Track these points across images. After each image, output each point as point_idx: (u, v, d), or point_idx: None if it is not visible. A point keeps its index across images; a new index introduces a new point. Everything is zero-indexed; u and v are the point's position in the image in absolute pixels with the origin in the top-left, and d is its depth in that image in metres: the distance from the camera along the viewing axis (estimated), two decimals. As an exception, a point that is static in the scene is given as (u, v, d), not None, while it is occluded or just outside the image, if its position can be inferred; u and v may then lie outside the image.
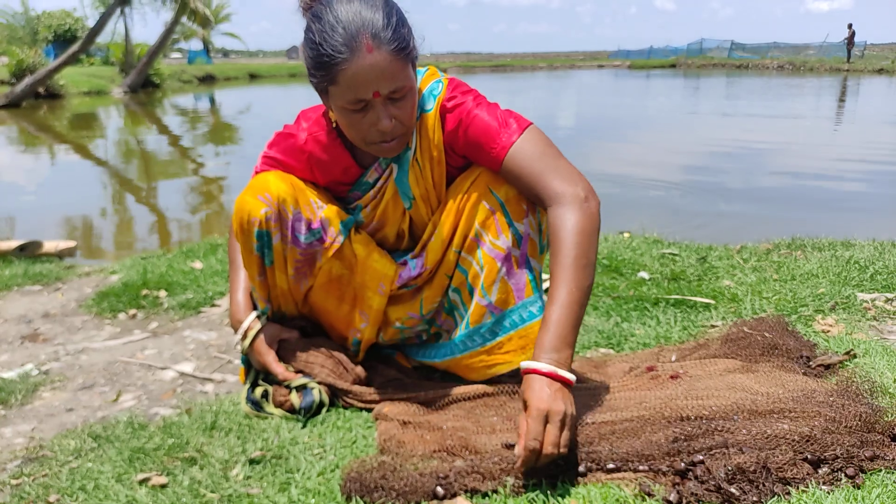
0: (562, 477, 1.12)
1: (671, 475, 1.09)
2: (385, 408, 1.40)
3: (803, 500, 1.02)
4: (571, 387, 1.16)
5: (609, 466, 1.12)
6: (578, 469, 1.13)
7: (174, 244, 3.80)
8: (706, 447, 1.11)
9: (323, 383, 1.45)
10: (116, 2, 18.09)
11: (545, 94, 19.38)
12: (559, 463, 1.13)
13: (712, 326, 1.81)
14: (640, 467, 1.12)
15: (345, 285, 1.48)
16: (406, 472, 1.16)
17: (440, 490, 1.11)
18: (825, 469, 1.08)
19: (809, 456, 1.09)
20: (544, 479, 1.12)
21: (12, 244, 3.06)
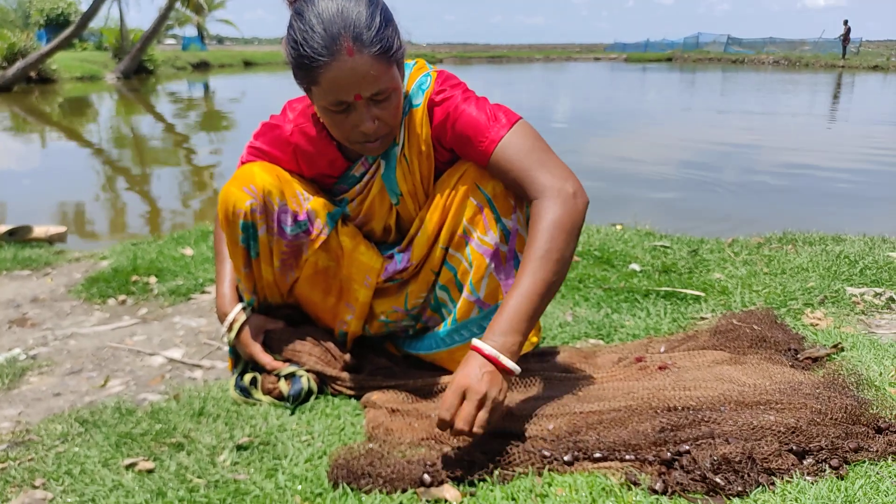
0: (548, 466, 1.13)
1: (657, 465, 1.10)
2: (374, 395, 1.40)
3: (787, 491, 1.03)
4: (510, 375, 1.16)
5: (596, 455, 1.13)
6: (565, 458, 1.13)
7: (165, 230, 3.78)
8: (692, 437, 1.12)
9: (311, 371, 1.45)
10: (110, -14, 17.92)
11: (541, 87, 19.34)
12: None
13: (702, 318, 1.81)
14: (627, 457, 1.12)
15: (331, 277, 1.47)
16: (393, 460, 1.16)
17: (427, 477, 1.11)
18: (810, 460, 1.09)
19: (795, 447, 1.10)
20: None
21: (1, 229, 3.04)
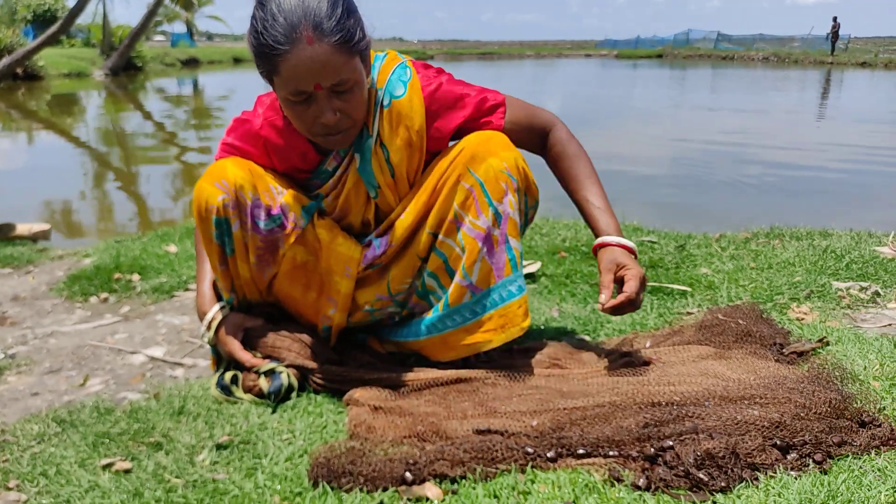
0: (531, 463, 1.12)
1: (641, 461, 1.09)
2: (356, 393, 1.38)
3: (771, 486, 1.02)
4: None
5: (579, 452, 1.12)
6: (548, 455, 1.12)
7: (150, 228, 3.75)
8: (676, 433, 1.11)
9: (292, 366, 1.43)
10: (97, -18, 17.75)
11: (532, 83, 19.34)
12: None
13: (688, 313, 1.81)
14: (610, 453, 1.11)
15: (310, 272, 1.46)
16: (375, 458, 1.15)
17: (409, 475, 1.10)
18: (794, 455, 1.08)
19: (779, 442, 1.09)
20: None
21: (-17, 226, 3.00)
